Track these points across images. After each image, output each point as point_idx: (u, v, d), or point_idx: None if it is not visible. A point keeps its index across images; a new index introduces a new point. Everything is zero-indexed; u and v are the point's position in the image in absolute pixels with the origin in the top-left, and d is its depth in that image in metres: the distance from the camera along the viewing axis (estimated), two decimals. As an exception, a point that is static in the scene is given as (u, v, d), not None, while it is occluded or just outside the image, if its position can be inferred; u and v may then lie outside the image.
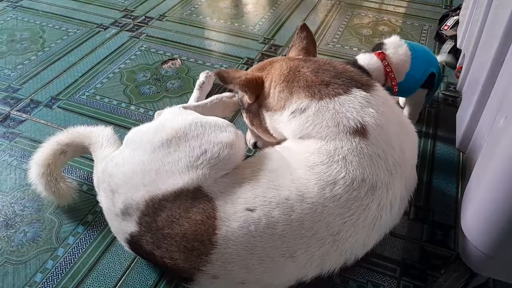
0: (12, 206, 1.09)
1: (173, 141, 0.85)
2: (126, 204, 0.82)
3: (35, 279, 0.93)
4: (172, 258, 0.77)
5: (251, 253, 0.74)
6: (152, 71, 1.57)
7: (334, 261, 0.78)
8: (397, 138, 0.82)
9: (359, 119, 0.80)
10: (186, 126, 0.88)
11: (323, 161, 0.78)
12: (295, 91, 0.88)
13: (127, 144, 0.92)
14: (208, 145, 0.84)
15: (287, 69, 0.92)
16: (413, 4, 2.04)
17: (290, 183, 0.77)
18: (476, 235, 0.70)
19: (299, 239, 0.74)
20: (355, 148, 0.78)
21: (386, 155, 0.79)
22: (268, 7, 2.03)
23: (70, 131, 1.07)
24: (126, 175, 0.85)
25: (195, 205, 0.78)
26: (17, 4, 2.02)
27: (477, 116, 0.95)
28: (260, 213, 0.75)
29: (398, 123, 0.85)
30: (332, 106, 0.83)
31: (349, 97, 0.83)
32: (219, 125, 0.90)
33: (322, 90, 0.85)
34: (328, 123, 0.82)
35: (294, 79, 0.89)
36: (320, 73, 0.88)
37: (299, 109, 0.86)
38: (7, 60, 1.64)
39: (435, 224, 1.04)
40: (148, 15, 1.94)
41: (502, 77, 0.81)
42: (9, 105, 1.41)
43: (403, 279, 0.94)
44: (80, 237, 1.01)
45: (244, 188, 0.79)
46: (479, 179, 0.72)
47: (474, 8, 1.24)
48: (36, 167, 1.00)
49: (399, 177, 0.81)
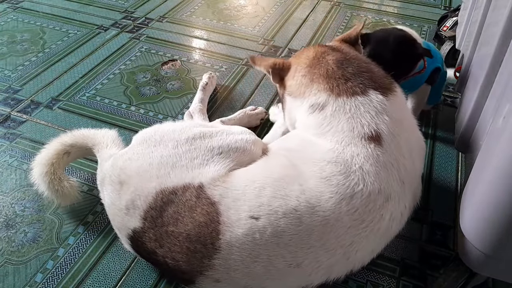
0: (12, 206, 1.09)
1: (197, 139, 0.88)
2: (134, 195, 0.81)
3: (35, 279, 0.93)
4: (174, 259, 0.76)
5: (255, 261, 0.73)
6: (152, 72, 1.57)
7: (341, 270, 0.78)
8: (408, 146, 0.82)
9: (374, 126, 0.80)
10: (213, 132, 0.91)
11: (341, 171, 0.77)
12: (315, 78, 0.89)
13: (143, 141, 0.91)
14: (226, 148, 0.87)
15: (313, 53, 0.93)
16: (412, 5, 2.05)
17: (299, 194, 0.75)
18: (475, 235, 0.70)
19: (307, 249, 0.73)
20: (371, 155, 0.78)
21: (398, 164, 0.79)
22: (267, 8, 2.04)
23: (74, 132, 1.08)
24: (142, 167, 0.84)
25: (199, 205, 0.77)
26: (17, 6, 2.02)
27: (475, 116, 0.95)
28: (266, 221, 0.74)
29: (410, 130, 0.86)
30: (348, 108, 0.83)
31: (365, 100, 0.83)
32: (242, 130, 0.96)
33: (340, 85, 0.85)
34: (344, 127, 0.82)
35: (317, 65, 0.90)
36: (343, 65, 0.88)
37: (318, 105, 0.86)
38: (7, 61, 1.64)
39: (434, 224, 1.05)
40: (148, 16, 1.95)
41: (501, 78, 0.81)
42: (9, 106, 1.41)
43: (402, 279, 0.94)
44: (80, 237, 1.02)
45: (248, 196, 0.77)
46: (478, 179, 0.73)
47: (473, 9, 1.25)
48: (39, 166, 1.00)
49: (409, 187, 0.81)
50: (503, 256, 0.70)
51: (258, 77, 1.55)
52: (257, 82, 1.52)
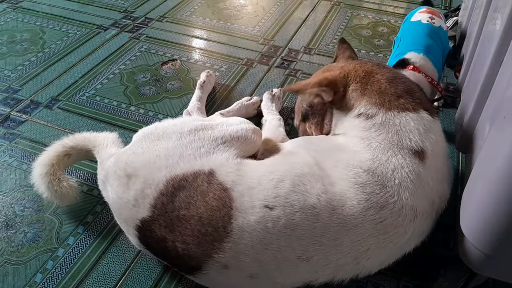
0: (12, 206, 1.09)
1: (200, 130, 0.91)
2: (145, 185, 0.83)
3: (35, 279, 0.93)
4: (185, 242, 0.77)
5: (265, 248, 0.74)
6: (152, 72, 1.57)
7: (348, 272, 0.78)
8: (443, 170, 0.84)
9: (420, 143, 0.82)
10: (213, 124, 0.94)
11: (377, 182, 0.78)
12: (367, 93, 0.90)
13: (145, 137, 0.93)
14: (228, 137, 0.90)
15: (362, 72, 0.94)
16: (412, 5, 2.05)
17: (320, 193, 0.76)
18: (476, 235, 0.70)
19: (318, 246, 0.74)
20: (414, 171, 0.78)
21: (433, 184, 0.80)
22: (267, 8, 2.03)
23: (76, 135, 1.08)
24: (149, 160, 0.86)
25: (211, 190, 0.78)
26: (17, 6, 2.02)
27: (476, 116, 0.95)
28: (280, 213, 0.75)
29: (445, 154, 0.88)
30: (398, 121, 0.84)
31: (416, 117, 0.85)
32: (241, 120, 0.98)
33: (392, 101, 0.87)
34: (393, 137, 0.83)
35: (368, 81, 0.92)
36: (394, 83, 0.90)
37: (366, 114, 0.88)
38: (7, 61, 1.64)
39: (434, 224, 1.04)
40: (148, 16, 1.94)
41: (501, 77, 0.81)
42: (9, 106, 1.41)
43: (402, 279, 0.94)
44: (80, 237, 1.01)
45: (264, 185, 0.78)
46: (478, 179, 0.72)
47: (473, 9, 1.25)
48: (39, 167, 1.00)
49: (437, 209, 0.82)
50: (504, 256, 0.70)
51: (258, 77, 1.55)
52: (257, 82, 1.52)
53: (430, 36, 1.23)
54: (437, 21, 1.29)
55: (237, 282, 0.79)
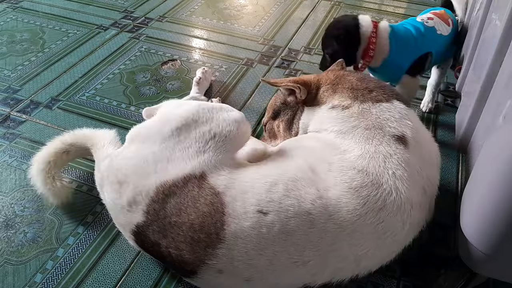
0: (12, 206, 1.09)
1: (182, 129, 0.86)
2: (135, 192, 0.82)
3: (35, 279, 0.93)
4: (178, 249, 0.76)
5: (260, 254, 0.73)
6: (152, 72, 1.57)
7: (347, 273, 0.77)
8: (428, 155, 0.84)
9: (399, 128, 0.83)
10: (194, 113, 0.89)
11: (372, 181, 0.76)
12: (339, 90, 0.94)
13: (132, 140, 0.92)
14: (217, 129, 0.86)
15: (333, 76, 0.99)
16: (413, 5, 2.05)
17: (315, 198, 0.75)
18: (476, 235, 0.70)
19: (315, 251, 0.73)
20: (403, 157, 0.78)
21: (422, 171, 0.80)
22: (268, 8, 2.03)
23: (76, 132, 1.08)
24: (137, 165, 0.84)
25: (202, 195, 0.77)
26: (17, 6, 2.02)
27: (476, 116, 0.95)
28: (274, 218, 0.73)
29: (427, 140, 0.88)
30: (374, 111, 0.86)
31: (390, 105, 0.87)
32: (225, 108, 0.93)
33: (365, 95, 0.90)
34: (374, 123, 0.84)
35: (339, 82, 0.96)
36: (365, 81, 0.94)
37: (341, 106, 0.90)
38: (7, 61, 1.64)
39: (434, 224, 1.04)
40: (148, 16, 1.94)
41: (501, 77, 0.81)
42: (9, 106, 1.41)
43: (402, 279, 0.94)
44: (80, 237, 1.01)
45: (257, 189, 0.76)
46: (478, 179, 0.72)
47: (473, 9, 1.25)
48: (36, 164, 1.02)
49: (429, 196, 0.82)
50: (504, 256, 0.70)
51: (258, 77, 1.55)
52: (257, 81, 1.52)
53: (414, 28, 1.20)
54: (434, 23, 1.25)
55: (234, 285, 0.79)
